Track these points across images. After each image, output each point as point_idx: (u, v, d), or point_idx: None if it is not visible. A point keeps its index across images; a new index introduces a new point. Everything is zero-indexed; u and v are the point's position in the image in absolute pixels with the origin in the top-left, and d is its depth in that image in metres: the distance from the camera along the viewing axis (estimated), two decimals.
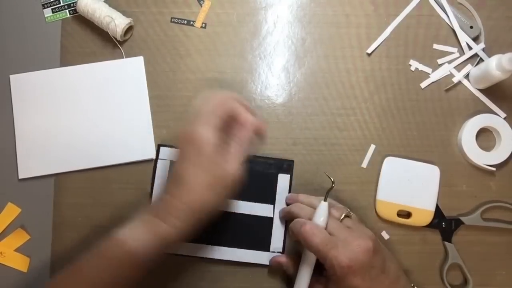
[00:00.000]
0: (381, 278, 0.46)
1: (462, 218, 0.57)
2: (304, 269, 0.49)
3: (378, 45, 0.61)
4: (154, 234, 0.45)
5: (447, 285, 0.56)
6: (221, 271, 0.57)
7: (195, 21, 0.61)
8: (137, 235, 0.45)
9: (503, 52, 0.54)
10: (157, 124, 0.60)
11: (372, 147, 0.59)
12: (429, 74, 0.60)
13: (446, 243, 0.57)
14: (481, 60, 0.60)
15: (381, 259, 0.46)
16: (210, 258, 0.56)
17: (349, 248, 0.44)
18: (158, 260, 0.46)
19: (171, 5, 0.62)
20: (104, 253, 0.45)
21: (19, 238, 0.57)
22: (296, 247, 0.56)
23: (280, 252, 0.56)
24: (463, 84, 0.60)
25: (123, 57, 0.60)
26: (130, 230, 0.45)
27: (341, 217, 0.49)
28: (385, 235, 0.58)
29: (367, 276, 0.44)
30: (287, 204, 0.56)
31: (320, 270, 0.48)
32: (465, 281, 0.57)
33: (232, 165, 0.46)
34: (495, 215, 0.58)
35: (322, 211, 0.48)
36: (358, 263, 0.44)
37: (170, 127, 0.60)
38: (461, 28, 0.61)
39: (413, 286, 0.50)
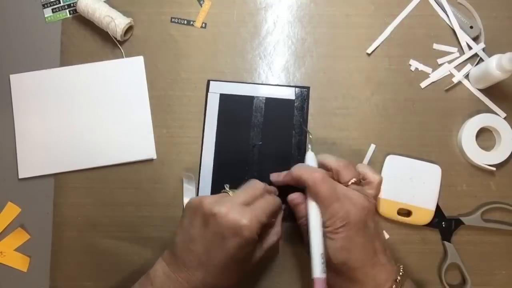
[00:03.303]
0: (373, 239, 0.47)
1: (462, 218, 0.57)
2: (314, 231, 0.48)
3: (378, 45, 0.61)
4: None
5: (446, 284, 0.56)
6: None
7: (195, 21, 0.61)
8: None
9: (503, 52, 0.54)
10: (157, 124, 0.60)
11: (372, 146, 0.59)
12: (429, 74, 0.60)
13: (446, 242, 0.57)
14: (481, 60, 0.60)
15: (375, 223, 0.48)
16: None
17: (349, 202, 0.46)
18: None
19: (171, 5, 0.62)
20: None
21: (19, 238, 0.58)
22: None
23: None
24: (463, 84, 0.60)
25: (123, 57, 0.60)
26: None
27: (349, 183, 0.49)
28: (385, 234, 0.58)
29: (360, 232, 0.46)
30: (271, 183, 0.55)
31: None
32: (464, 281, 0.57)
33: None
34: (496, 216, 0.58)
35: (309, 161, 0.51)
36: (355, 219, 0.46)
37: (170, 127, 0.60)
38: (461, 28, 0.60)
39: (399, 265, 0.48)
